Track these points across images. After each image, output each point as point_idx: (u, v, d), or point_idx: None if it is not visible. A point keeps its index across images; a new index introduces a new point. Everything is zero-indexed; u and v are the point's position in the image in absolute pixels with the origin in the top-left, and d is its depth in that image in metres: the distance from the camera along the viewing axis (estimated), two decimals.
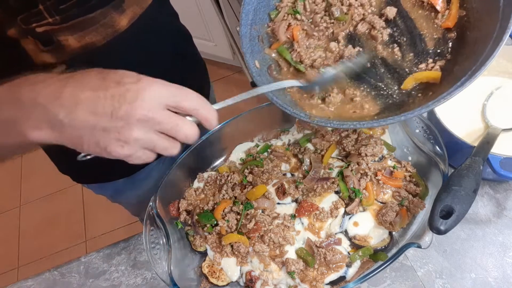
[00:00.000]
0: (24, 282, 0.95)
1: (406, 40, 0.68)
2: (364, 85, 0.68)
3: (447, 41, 0.66)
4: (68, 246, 2.38)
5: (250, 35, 0.71)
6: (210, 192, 0.89)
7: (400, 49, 0.68)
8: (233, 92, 2.22)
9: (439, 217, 0.63)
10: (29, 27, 0.68)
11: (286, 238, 0.77)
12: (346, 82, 0.69)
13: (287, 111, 0.64)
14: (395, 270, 0.82)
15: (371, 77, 0.68)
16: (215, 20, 2.33)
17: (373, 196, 0.79)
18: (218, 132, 0.94)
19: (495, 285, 0.77)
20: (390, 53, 0.68)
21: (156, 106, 0.47)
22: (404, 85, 0.65)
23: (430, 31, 0.67)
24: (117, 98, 0.46)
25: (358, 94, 0.67)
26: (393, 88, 0.66)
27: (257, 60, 0.70)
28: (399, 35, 0.68)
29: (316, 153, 0.87)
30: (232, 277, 0.80)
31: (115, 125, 0.46)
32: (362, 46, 0.70)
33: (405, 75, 0.66)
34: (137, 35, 0.82)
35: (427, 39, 0.67)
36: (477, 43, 0.60)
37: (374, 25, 0.68)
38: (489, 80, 0.91)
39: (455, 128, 0.81)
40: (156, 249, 0.77)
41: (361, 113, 0.66)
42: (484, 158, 0.71)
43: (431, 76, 0.63)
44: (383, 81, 0.67)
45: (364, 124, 0.62)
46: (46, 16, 0.68)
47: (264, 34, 0.74)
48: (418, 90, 0.65)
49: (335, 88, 0.69)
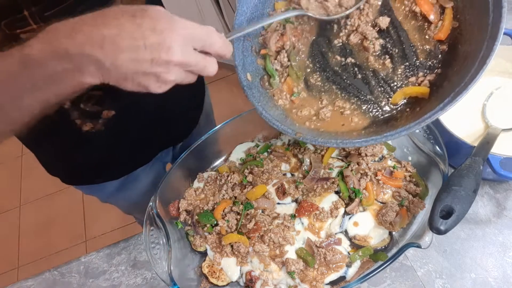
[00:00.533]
0: (24, 282, 0.95)
1: (397, 51, 0.68)
2: (354, 98, 0.69)
3: (439, 54, 0.66)
4: (68, 246, 2.38)
5: (243, 47, 0.72)
6: (210, 192, 0.89)
7: (392, 60, 0.68)
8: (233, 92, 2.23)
9: (439, 217, 0.63)
10: (13, 32, 0.68)
11: (286, 238, 0.77)
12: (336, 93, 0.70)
13: (274, 126, 0.66)
14: (395, 270, 0.82)
15: (362, 89, 0.68)
16: (215, 20, 2.33)
17: (373, 196, 0.79)
18: (218, 132, 0.94)
19: (495, 285, 0.77)
20: (382, 65, 0.68)
21: (188, 52, 0.54)
22: (393, 99, 0.66)
23: (422, 42, 0.67)
24: (155, 46, 0.51)
25: (347, 107, 0.68)
26: (383, 101, 0.67)
27: (249, 73, 0.71)
28: (391, 46, 0.68)
29: (316, 153, 0.88)
30: (232, 277, 0.80)
31: (155, 71, 0.52)
32: (354, 57, 0.70)
33: (395, 88, 0.67)
34: None
35: (419, 51, 0.67)
36: (467, 59, 0.59)
37: (366, 36, 0.68)
38: (489, 80, 0.91)
39: (455, 128, 0.81)
40: (156, 249, 0.77)
41: (349, 127, 0.67)
42: (484, 158, 0.71)
43: (419, 92, 0.64)
44: (373, 94, 0.68)
45: (347, 143, 0.63)
46: (31, 22, 0.68)
47: (257, 44, 0.74)
48: (407, 105, 0.65)
49: (326, 101, 0.70)
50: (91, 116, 0.87)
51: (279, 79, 0.73)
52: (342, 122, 0.68)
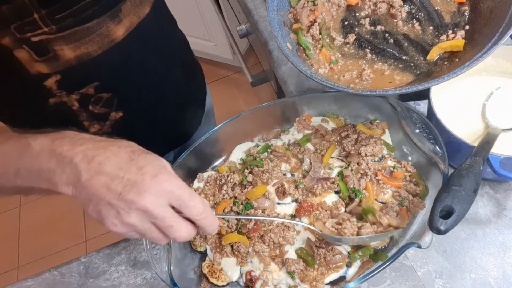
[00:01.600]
0: (24, 282, 0.95)
1: (423, 15, 0.72)
2: (390, 60, 0.72)
3: (463, 13, 0.70)
4: (68, 246, 2.38)
5: (278, 20, 0.75)
6: (210, 192, 0.89)
7: (420, 24, 0.72)
8: (233, 92, 2.23)
9: (439, 217, 0.62)
10: (23, 36, 0.68)
11: (286, 238, 0.77)
12: (372, 58, 0.74)
13: (329, 85, 0.69)
14: (395, 270, 0.82)
15: (396, 51, 0.72)
16: (215, 20, 2.33)
17: (373, 196, 0.79)
18: (218, 132, 0.94)
19: (495, 285, 0.77)
20: (411, 29, 0.73)
21: (160, 203, 0.51)
22: (430, 56, 0.69)
23: (445, 6, 0.72)
24: (131, 183, 0.50)
25: (386, 68, 0.72)
26: (419, 59, 0.71)
27: (288, 43, 0.74)
28: (417, 11, 0.73)
29: (316, 153, 0.88)
30: (232, 277, 0.80)
31: (118, 205, 0.50)
32: (383, 25, 0.74)
33: (428, 47, 0.70)
34: (133, 45, 0.82)
35: (444, 14, 0.72)
36: (494, 11, 0.63)
37: (392, 4, 0.73)
38: (489, 80, 0.91)
39: (455, 128, 0.81)
40: (156, 249, 0.77)
41: (395, 84, 0.70)
42: (484, 158, 0.71)
43: (454, 44, 0.67)
44: (408, 54, 0.71)
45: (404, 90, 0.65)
46: (41, 25, 0.68)
47: (288, 20, 0.78)
48: (444, 59, 0.69)
49: (363, 66, 0.73)
50: (98, 117, 0.87)
51: (314, 51, 0.76)
52: (388, 80, 0.71)
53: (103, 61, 0.78)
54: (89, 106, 0.83)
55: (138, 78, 0.88)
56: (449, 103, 0.90)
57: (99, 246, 0.96)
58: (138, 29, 0.81)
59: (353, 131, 0.87)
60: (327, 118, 0.95)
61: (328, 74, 0.74)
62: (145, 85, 0.91)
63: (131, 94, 0.90)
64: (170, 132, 1.08)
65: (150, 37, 0.86)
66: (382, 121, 0.89)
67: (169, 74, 0.97)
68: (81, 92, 0.80)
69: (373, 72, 0.72)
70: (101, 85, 0.81)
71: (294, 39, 0.77)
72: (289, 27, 0.78)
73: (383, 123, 0.88)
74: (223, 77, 2.89)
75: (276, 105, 1.00)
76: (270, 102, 0.96)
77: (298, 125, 0.95)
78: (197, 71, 1.15)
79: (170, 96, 1.01)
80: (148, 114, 0.96)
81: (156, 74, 0.92)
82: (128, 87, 0.87)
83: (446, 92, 0.91)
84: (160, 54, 0.92)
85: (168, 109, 1.02)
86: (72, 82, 0.79)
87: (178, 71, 1.01)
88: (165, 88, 0.98)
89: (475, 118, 0.88)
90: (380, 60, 0.73)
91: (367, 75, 0.71)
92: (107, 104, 0.85)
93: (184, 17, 1.07)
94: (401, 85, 0.69)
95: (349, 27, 0.77)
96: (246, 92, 2.74)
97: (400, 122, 0.82)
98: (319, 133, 0.91)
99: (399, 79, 0.70)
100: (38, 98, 0.79)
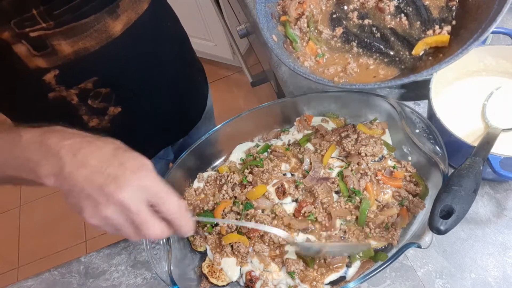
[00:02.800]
0: (24, 282, 0.95)
1: (412, 10, 0.72)
2: (375, 54, 0.72)
3: (451, 8, 0.70)
4: (68, 246, 2.38)
5: (265, 12, 0.76)
6: (210, 192, 0.89)
7: (408, 18, 0.72)
8: (233, 92, 2.24)
9: (439, 217, 0.62)
10: (22, 31, 0.69)
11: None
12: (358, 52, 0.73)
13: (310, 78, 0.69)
14: (395, 270, 0.81)
15: (382, 45, 0.72)
16: (215, 20, 2.33)
17: (373, 196, 0.79)
18: (218, 132, 0.94)
19: (495, 285, 0.77)
20: (398, 23, 0.73)
21: (137, 198, 0.52)
22: (415, 51, 0.69)
23: (433, 1, 0.72)
24: (112, 176, 0.51)
25: (371, 62, 0.72)
26: (405, 54, 0.71)
27: (274, 35, 0.75)
28: (405, 5, 0.73)
29: (316, 153, 0.87)
30: (232, 277, 0.80)
31: (96, 197, 0.51)
32: (370, 19, 0.74)
33: (414, 42, 0.70)
34: (131, 41, 0.82)
35: (432, 8, 0.72)
36: (480, 7, 0.64)
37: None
38: (489, 80, 0.91)
39: (455, 128, 0.80)
40: (156, 249, 0.77)
41: (379, 78, 0.70)
42: (484, 158, 0.71)
43: (440, 40, 0.68)
44: (393, 49, 0.72)
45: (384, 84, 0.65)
46: (40, 21, 0.69)
47: (276, 12, 0.78)
48: (428, 54, 0.69)
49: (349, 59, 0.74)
50: (97, 112, 0.87)
51: (301, 44, 0.76)
52: (373, 75, 0.71)
53: (100, 57, 0.78)
54: (88, 100, 0.84)
55: (136, 73, 0.89)
56: (449, 103, 0.90)
57: (99, 246, 0.96)
58: (136, 25, 0.81)
59: (353, 131, 0.87)
60: (327, 118, 0.95)
61: (313, 67, 0.75)
62: (143, 80, 0.91)
63: (129, 90, 0.90)
64: (169, 127, 1.08)
65: (148, 33, 0.86)
66: (382, 121, 0.89)
67: (167, 70, 0.97)
68: (80, 87, 0.81)
69: (358, 66, 0.72)
70: (99, 80, 0.82)
71: (281, 31, 0.77)
72: (277, 19, 0.78)
73: (383, 123, 0.88)
74: (223, 77, 2.89)
75: (276, 105, 1.00)
76: (270, 102, 0.96)
77: (299, 125, 0.95)
78: (197, 69, 1.15)
79: (168, 92, 1.01)
80: (146, 109, 0.97)
81: (154, 70, 0.93)
82: (126, 82, 0.88)
83: (446, 92, 0.91)
84: (159, 50, 0.92)
85: (167, 104, 1.02)
86: (71, 77, 0.79)
87: (177, 67, 1.01)
88: (163, 84, 0.98)
89: (475, 118, 0.88)
90: (366, 54, 0.73)
91: (352, 69, 0.71)
92: (106, 99, 0.86)
93: (184, 17, 1.07)
94: (384, 80, 0.69)
95: (337, 20, 0.77)
96: (246, 92, 2.74)
97: (400, 122, 0.82)
98: (319, 133, 0.91)
99: (383, 74, 0.70)
100: (38, 92, 0.80)
